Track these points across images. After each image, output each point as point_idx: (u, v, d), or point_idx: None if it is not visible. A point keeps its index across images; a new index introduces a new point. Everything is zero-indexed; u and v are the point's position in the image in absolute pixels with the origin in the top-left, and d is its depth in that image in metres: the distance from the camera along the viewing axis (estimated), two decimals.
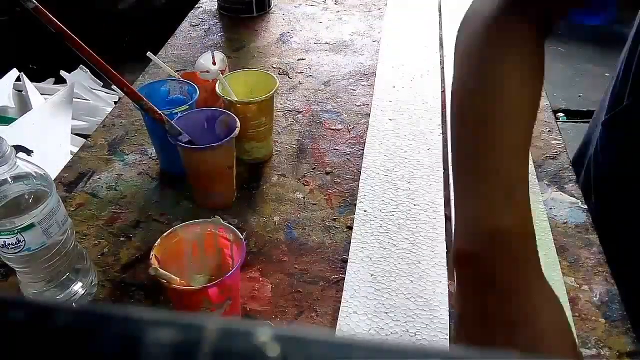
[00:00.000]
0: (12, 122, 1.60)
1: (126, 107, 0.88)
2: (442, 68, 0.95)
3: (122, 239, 0.64)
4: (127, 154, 0.78)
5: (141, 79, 0.95)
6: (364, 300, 0.55)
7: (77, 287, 0.55)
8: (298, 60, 1.01)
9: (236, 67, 0.87)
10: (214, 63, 0.71)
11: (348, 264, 0.60)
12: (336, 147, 0.79)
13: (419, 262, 0.59)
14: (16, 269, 0.53)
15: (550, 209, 0.67)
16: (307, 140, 0.80)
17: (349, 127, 0.83)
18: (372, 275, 0.58)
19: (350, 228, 0.64)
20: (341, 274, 0.59)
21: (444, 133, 0.80)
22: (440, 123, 0.81)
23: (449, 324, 0.53)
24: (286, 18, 1.17)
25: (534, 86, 0.41)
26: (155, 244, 0.50)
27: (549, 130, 0.80)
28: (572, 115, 2.24)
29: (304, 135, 0.81)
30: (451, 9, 1.14)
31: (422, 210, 0.66)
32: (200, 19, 1.17)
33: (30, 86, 1.85)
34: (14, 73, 1.89)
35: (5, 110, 1.75)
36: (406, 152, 0.76)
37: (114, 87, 1.35)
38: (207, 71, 0.71)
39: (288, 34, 1.10)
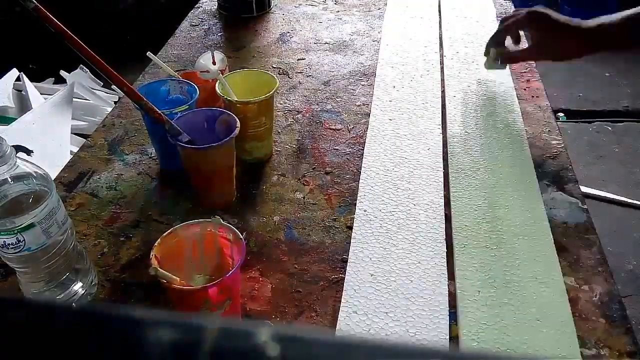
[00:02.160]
0: (12, 122, 1.60)
1: (126, 107, 0.88)
2: (442, 68, 0.95)
3: (122, 239, 0.64)
4: (127, 154, 0.78)
5: (141, 79, 0.95)
6: (364, 300, 0.55)
7: (77, 287, 0.55)
8: (298, 60, 1.01)
9: (236, 67, 0.88)
10: (214, 63, 0.71)
11: (348, 264, 0.60)
12: (336, 147, 0.79)
13: (419, 262, 0.59)
14: (16, 269, 0.53)
15: (550, 209, 0.67)
16: (307, 140, 0.80)
17: (349, 127, 0.83)
18: (372, 275, 0.58)
19: (350, 228, 0.64)
20: (341, 274, 0.59)
21: (444, 133, 0.80)
22: (440, 123, 0.81)
23: (449, 324, 0.53)
24: (286, 18, 1.17)
25: None
26: (155, 244, 0.50)
27: (549, 130, 0.80)
28: (572, 115, 2.24)
29: (304, 135, 0.81)
30: (451, 9, 1.15)
31: (422, 210, 0.66)
32: (200, 19, 1.17)
33: (30, 86, 1.85)
34: (14, 73, 1.89)
35: (5, 110, 1.75)
36: (406, 152, 0.76)
37: (114, 87, 1.35)
38: (207, 71, 0.71)
39: (288, 34, 1.10)
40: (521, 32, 0.86)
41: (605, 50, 0.75)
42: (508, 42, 0.86)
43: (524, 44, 0.91)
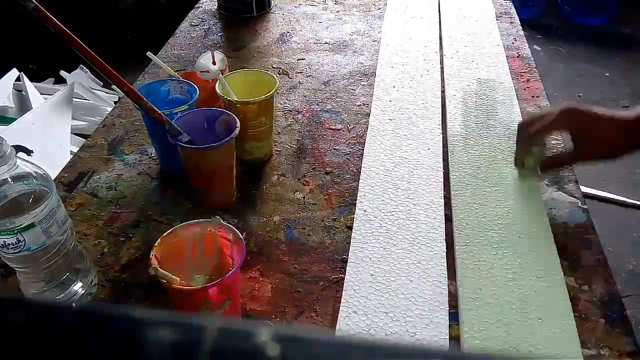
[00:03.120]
0: (12, 122, 1.60)
1: (126, 107, 0.88)
2: (442, 68, 0.95)
3: (122, 239, 0.64)
4: (127, 154, 0.78)
5: (141, 79, 0.95)
6: (364, 300, 0.55)
7: (77, 287, 0.55)
8: (298, 60, 1.01)
9: (236, 67, 0.88)
10: (214, 63, 0.71)
11: (348, 264, 0.60)
12: (336, 147, 0.79)
13: (419, 262, 0.59)
14: (16, 269, 0.53)
15: (550, 209, 0.67)
16: (307, 140, 0.80)
17: (349, 127, 0.83)
18: (372, 275, 0.58)
19: (350, 228, 0.64)
20: (341, 274, 0.59)
21: (444, 133, 0.80)
22: (440, 123, 0.81)
23: (449, 324, 0.53)
24: (286, 18, 1.17)
25: None
26: (155, 244, 0.50)
27: None
28: None
29: (304, 135, 0.81)
30: (451, 9, 1.15)
31: (422, 210, 0.66)
32: (200, 19, 1.17)
33: (30, 86, 1.85)
34: (14, 73, 1.89)
35: (5, 110, 1.75)
36: (406, 152, 0.76)
37: (114, 87, 1.35)
38: (207, 71, 0.71)
39: (288, 34, 1.10)
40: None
41: None
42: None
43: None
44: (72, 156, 0.79)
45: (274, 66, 0.99)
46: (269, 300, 0.57)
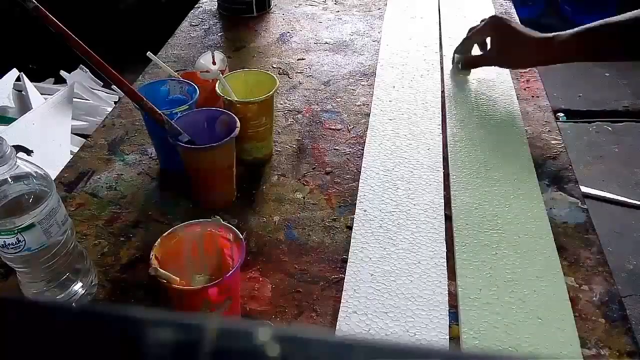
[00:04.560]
0: (12, 122, 1.60)
1: (126, 107, 0.88)
2: (442, 68, 0.95)
3: (122, 239, 0.64)
4: (127, 154, 0.78)
5: (141, 79, 0.95)
6: (364, 300, 0.55)
7: (77, 287, 0.55)
8: (298, 60, 1.01)
9: (236, 67, 0.87)
10: (214, 63, 0.71)
11: (348, 264, 0.60)
12: (336, 147, 0.79)
13: (419, 262, 0.59)
14: (16, 269, 0.53)
15: (551, 209, 0.67)
16: (307, 140, 0.80)
17: (349, 127, 0.83)
18: (372, 275, 0.58)
19: (350, 228, 0.64)
20: (341, 274, 0.59)
21: (444, 133, 0.80)
22: (440, 123, 0.81)
23: (449, 324, 0.53)
24: (286, 18, 1.17)
25: None
26: (155, 244, 0.50)
27: (549, 130, 0.80)
28: (572, 115, 2.24)
29: (304, 135, 0.81)
30: (451, 9, 1.15)
31: (422, 210, 0.66)
32: (200, 19, 1.17)
33: (30, 86, 1.85)
34: (14, 73, 1.89)
35: (5, 110, 1.75)
36: (406, 152, 0.76)
37: (114, 87, 1.35)
38: (207, 71, 0.71)
39: (288, 34, 1.10)
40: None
41: (560, 62, 0.76)
42: (476, 49, 0.90)
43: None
44: (72, 156, 0.79)
45: (274, 66, 0.99)
46: (269, 300, 0.57)
